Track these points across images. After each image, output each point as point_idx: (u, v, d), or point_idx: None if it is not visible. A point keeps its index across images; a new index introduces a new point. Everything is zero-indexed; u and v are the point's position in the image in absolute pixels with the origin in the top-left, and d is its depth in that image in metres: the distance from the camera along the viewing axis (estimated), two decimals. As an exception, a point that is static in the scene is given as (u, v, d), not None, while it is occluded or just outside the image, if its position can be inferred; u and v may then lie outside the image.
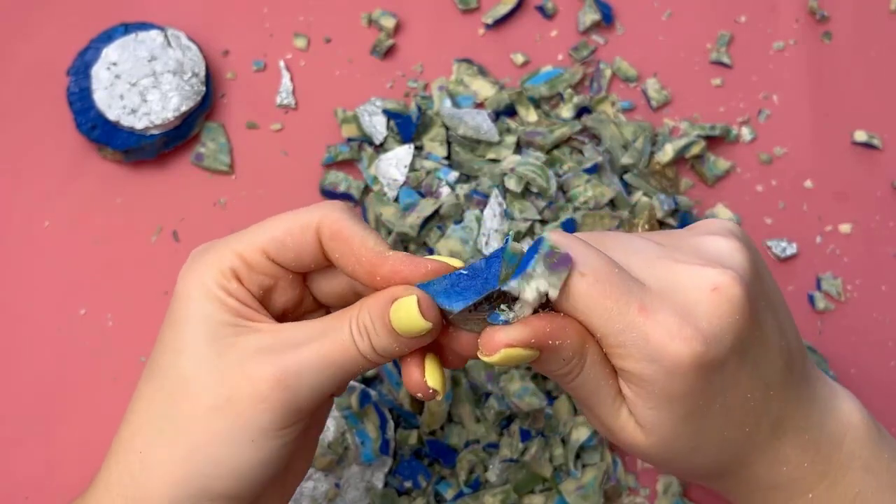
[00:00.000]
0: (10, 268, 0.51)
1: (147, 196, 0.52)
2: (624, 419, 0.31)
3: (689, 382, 0.29)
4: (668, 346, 0.28)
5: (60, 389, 0.49)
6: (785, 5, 0.58)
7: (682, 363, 0.28)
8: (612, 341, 0.29)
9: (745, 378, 0.30)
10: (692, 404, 0.29)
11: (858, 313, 0.53)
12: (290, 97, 0.54)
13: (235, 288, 0.31)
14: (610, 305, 0.29)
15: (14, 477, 0.47)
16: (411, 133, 0.52)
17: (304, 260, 0.32)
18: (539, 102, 0.54)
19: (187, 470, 0.29)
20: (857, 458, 0.33)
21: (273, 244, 0.31)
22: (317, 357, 0.30)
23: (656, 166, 0.53)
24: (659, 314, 0.28)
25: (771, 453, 0.32)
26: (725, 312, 0.29)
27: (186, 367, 0.30)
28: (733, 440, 0.31)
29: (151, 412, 0.31)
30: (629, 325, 0.29)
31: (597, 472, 0.48)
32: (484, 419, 0.48)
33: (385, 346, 0.30)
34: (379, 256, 0.30)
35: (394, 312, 0.29)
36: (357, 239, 0.30)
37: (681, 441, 0.31)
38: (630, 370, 0.29)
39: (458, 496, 0.47)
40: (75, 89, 0.51)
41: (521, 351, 0.29)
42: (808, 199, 0.55)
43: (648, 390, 0.29)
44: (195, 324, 0.30)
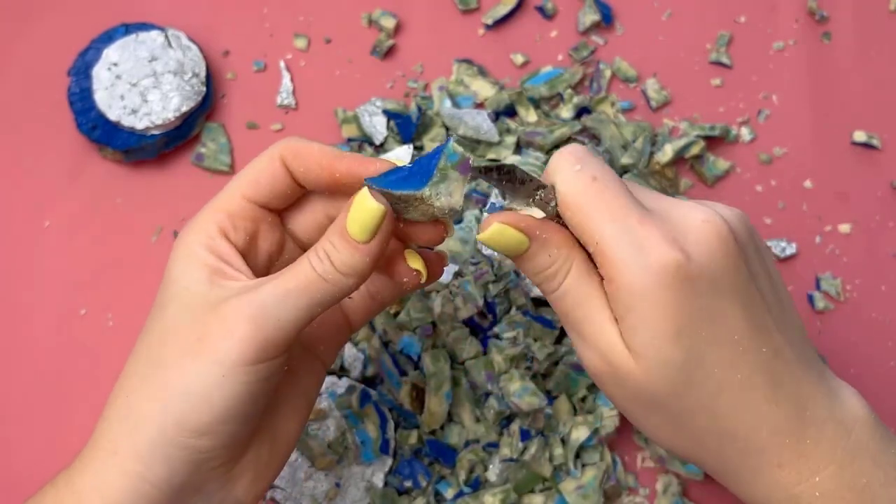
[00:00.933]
0: (10, 268, 0.51)
1: (147, 196, 0.52)
2: (614, 340, 0.31)
3: (673, 293, 0.30)
4: (657, 252, 0.30)
5: (60, 389, 0.49)
6: (785, 5, 0.58)
7: (667, 270, 0.30)
8: (608, 244, 0.30)
9: (732, 315, 0.31)
10: (678, 322, 0.30)
11: (858, 313, 0.53)
12: (290, 97, 0.54)
13: (220, 244, 0.33)
14: (614, 209, 0.31)
15: (14, 476, 0.47)
16: (411, 133, 0.52)
17: (279, 190, 0.34)
18: (539, 103, 0.54)
19: (163, 407, 0.31)
20: (865, 449, 0.32)
21: (250, 186, 0.34)
22: (280, 289, 0.31)
23: (656, 166, 0.53)
24: (654, 227, 0.31)
25: (771, 419, 0.32)
26: (713, 241, 0.31)
27: (167, 318, 0.32)
28: (726, 385, 0.31)
29: (138, 363, 0.32)
30: (627, 231, 0.30)
31: (597, 472, 0.48)
32: (484, 419, 0.48)
33: (346, 261, 0.32)
34: (335, 157, 0.33)
35: (350, 219, 0.31)
36: (315, 149, 0.34)
37: (672, 368, 0.31)
38: (619, 278, 0.30)
39: (458, 496, 0.47)
40: (76, 89, 0.51)
41: (511, 230, 0.32)
42: (808, 199, 0.55)
43: (636, 302, 0.30)
44: (179, 282, 0.32)
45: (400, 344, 0.49)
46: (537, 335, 0.49)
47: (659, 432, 0.33)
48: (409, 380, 0.48)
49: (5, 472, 0.47)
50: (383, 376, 0.49)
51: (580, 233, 0.32)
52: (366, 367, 0.49)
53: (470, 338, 0.49)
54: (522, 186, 0.32)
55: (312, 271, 0.32)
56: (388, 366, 0.48)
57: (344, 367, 0.49)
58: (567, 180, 0.32)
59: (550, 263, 0.32)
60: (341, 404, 0.47)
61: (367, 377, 0.49)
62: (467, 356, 0.49)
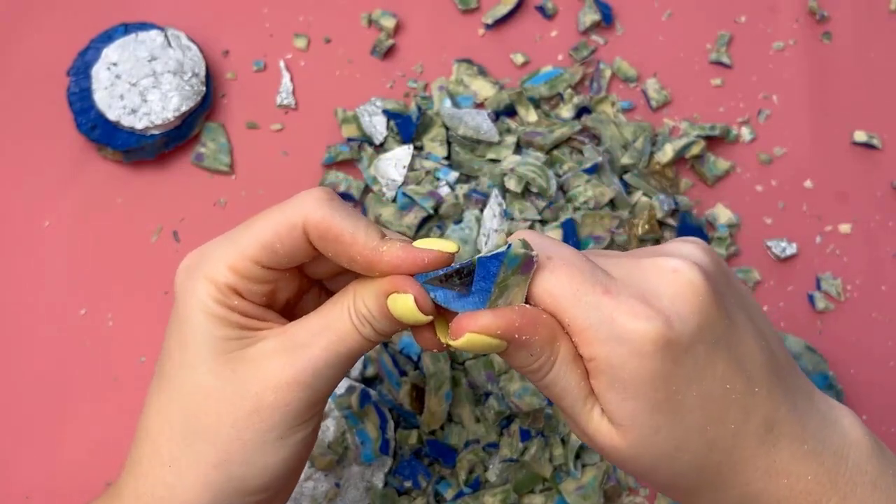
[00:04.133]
0: (10, 268, 0.51)
1: (147, 196, 0.52)
2: (597, 421, 0.31)
3: (656, 363, 0.29)
4: (633, 325, 0.28)
5: (60, 389, 0.49)
6: (785, 5, 0.58)
7: (647, 341, 0.28)
8: (580, 324, 0.29)
9: (720, 366, 0.30)
10: (665, 390, 0.29)
11: (858, 313, 0.53)
12: (290, 97, 0.54)
13: (237, 303, 0.31)
14: (576, 287, 0.29)
15: (14, 477, 0.47)
16: (411, 133, 0.52)
17: (298, 258, 0.32)
18: (539, 102, 0.54)
19: (221, 474, 0.31)
20: (864, 474, 0.32)
21: (264, 253, 0.31)
22: (327, 351, 0.31)
23: (656, 166, 0.53)
24: (623, 296, 0.29)
25: (765, 461, 0.31)
26: (687, 294, 0.30)
27: (202, 383, 0.31)
28: (719, 439, 0.30)
29: (174, 427, 0.31)
30: (594, 307, 0.29)
31: (597, 472, 0.48)
32: (484, 419, 0.48)
33: (387, 330, 0.31)
34: (374, 252, 0.30)
35: (391, 304, 0.30)
36: (347, 237, 0.30)
37: (660, 437, 0.30)
38: (598, 356, 0.29)
39: (458, 496, 0.47)
40: (75, 89, 0.51)
41: (485, 338, 0.29)
42: (808, 199, 0.55)
43: (618, 377, 0.29)
44: (201, 343, 0.31)
45: (400, 344, 0.49)
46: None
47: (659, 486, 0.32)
48: (408, 380, 0.48)
49: (5, 472, 0.47)
50: (383, 376, 0.49)
51: (553, 315, 0.30)
52: (366, 367, 0.49)
53: (470, 338, 0.49)
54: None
55: (357, 334, 0.31)
56: (388, 366, 0.48)
57: (344, 368, 0.49)
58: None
59: (532, 361, 0.30)
60: (341, 404, 0.47)
61: (367, 377, 0.49)
62: (467, 356, 0.49)
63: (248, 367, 0.31)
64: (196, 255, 0.33)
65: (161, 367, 0.32)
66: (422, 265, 0.30)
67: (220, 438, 0.31)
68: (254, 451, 0.31)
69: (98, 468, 0.47)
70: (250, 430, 0.31)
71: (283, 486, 0.33)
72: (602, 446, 0.31)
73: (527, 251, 0.29)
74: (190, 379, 0.31)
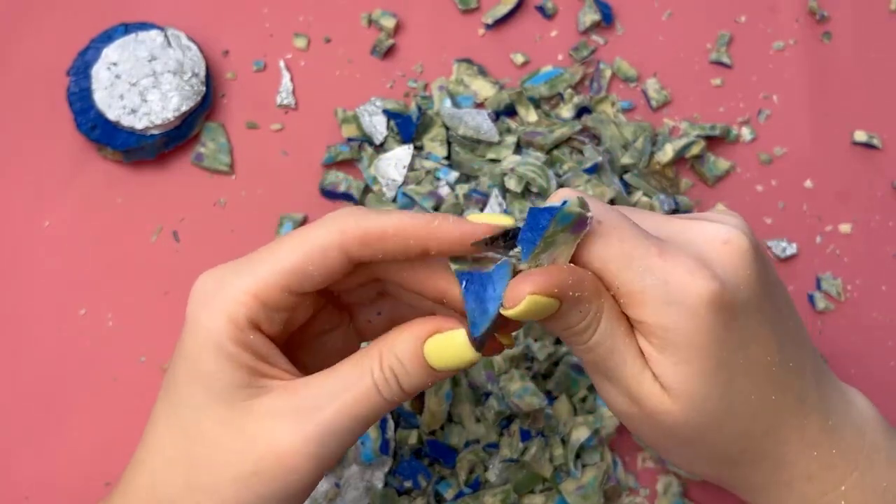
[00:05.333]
0: (10, 268, 0.51)
1: (147, 196, 0.52)
2: (649, 384, 0.30)
3: (709, 325, 0.28)
4: (688, 285, 0.28)
5: (60, 390, 0.49)
6: (785, 5, 0.58)
7: (702, 303, 0.28)
8: (631, 287, 0.28)
9: (763, 336, 0.30)
10: (716, 356, 0.29)
11: (858, 313, 0.53)
12: (290, 97, 0.54)
13: (252, 339, 0.29)
14: (628, 251, 0.28)
15: (14, 477, 0.47)
16: (411, 133, 0.52)
17: (331, 279, 0.30)
18: (539, 102, 0.54)
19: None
20: (881, 450, 0.32)
21: (295, 278, 0.29)
22: (339, 416, 0.29)
23: (656, 166, 0.53)
24: (677, 258, 0.28)
25: (798, 433, 0.31)
26: (738, 263, 0.29)
27: (208, 431, 0.29)
28: (762, 408, 0.30)
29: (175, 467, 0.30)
30: (648, 269, 0.28)
31: (597, 472, 0.48)
32: (484, 419, 0.48)
33: (416, 384, 0.29)
34: (426, 229, 0.29)
35: (431, 349, 0.28)
36: (392, 229, 0.29)
37: (711, 403, 0.29)
38: (650, 320, 0.29)
39: (458, 496, 0.47)
40: (75, 89, 0.51)
41: (544, 300, 0.28)
42: (808, 199, 0.55)
43: (671, 340, 0.29)
44: (212, 387, 0.29)
45: (400, 344, 0.49)
46: (537, 335, 0.49)
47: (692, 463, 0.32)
48: (409, 380, 0.48)
49: (5, 472, 0.47)
50: (383, 376, 0.49)
51: (601, 278, 0.29)
52: (366, 367, 0.49)
53: (470, 338, 0.49)
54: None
55: (378, 396, 0.29)
56: (388, 366, 0.48)
57: (344, 368, 0.49)
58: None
59: (581, 320, 0.29)
60: (341, 404, 0.47)
61: (367, 377, 0.49)
62: (467, 356, 0.49)
63: (252, 424, 0.29)
64: (213, 279, 0.30)
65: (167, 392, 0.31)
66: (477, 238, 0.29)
67: (219, 494, 0.29)
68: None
69: (98, 468, 0.47)
70: (250, 493, 0.29)
71: None
72: (652, 410, 0.30)
73: (583, 211, 0.28)
74: (195, 420, 0.30)
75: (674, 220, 0.31)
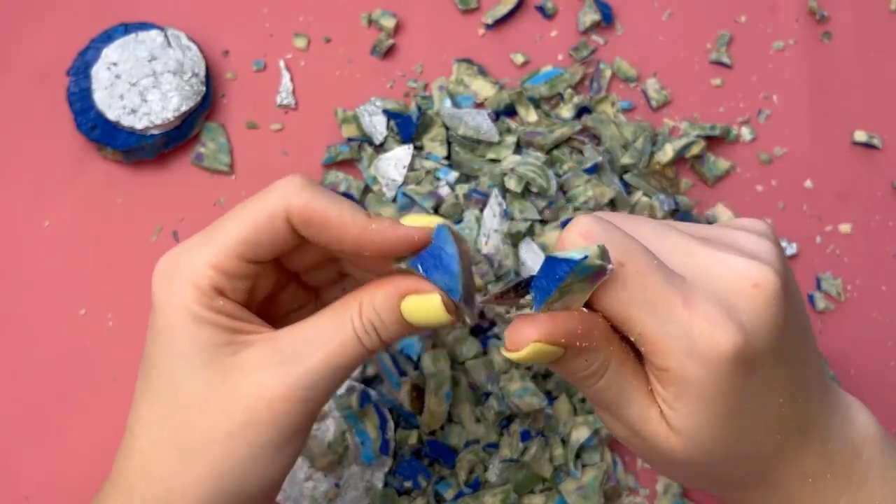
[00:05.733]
0: (10, 268, 0.51)
1: (147, 196, 0.52)
2: (655, 423, 0.29)
3: (729, 379, 0.28)
4: (712, 339, 0.27)
5: (60, 389, 0.49)
6: (785, 5, 0.58)
7: (725, 357, 0.27)
8: (653, 336, 0.28)
9: (779, 380, 0.29)
10: (731, 405, 0.28)
11: (858, 313, 0.53)
12: (290, 97, 0.54)
13: (221, 304, 0.30)
14: (652, 298, 0.27)
15: (14, 477, 0.47)
16: (411, 133, 0.52)
17: (282, 248, 0.31)
18: (539, 102, 0.54)
19: (215, 489, 0.30)
20: (875, 469, 0.32)
21: (247, 247, 0.30)
22: (324, 364, 0.30)
23: (656, 166, 0.53)
24: (701, 306, 0.27)
25: (797, 462, 0.31)
26: (765, 310, 0.28)
27: (191, 394, 0.30)
28: (764, 447, 0.30)
29: (164, 440, 0.30)
30: (672, 319, 0.27)
31: (597, 472, 0.48)
32: (484, 419, 0.48)
33: (394, 336, 0.30)
34: (363, 231, 0.29)
35: (410, 309, 0.29)
36: (333, 219, 0.29)
37: (716, 446, 0.29)
38: (670, 367, 0.28)
39: (458, 496, 0.47)
40: (75, 89, 0.51)
41: (548, 347, 0.27)
42: (808, 199, 0.55)
43: (688, 390, 0.28)
44: (188, 350, 0.30)
45: (400, 344, 0.49)
46: (537, 335, 0.49)
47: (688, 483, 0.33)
48: (409, 380, 0.48)
49: (5, 473, 0.47)
50: (383, 376, 0.49)
51: (618, 324, 0.28)
52: (366, 367, 0.49)
53: (470, 338, 0.49)
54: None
55: (360, 345, 0.30)
56: (388, 366, 0.48)
57: (344, 368, 0.49)
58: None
59: (587, 368, 0.29)
60: (341, 404, 0.47)
61: (367, 377, 0.49)
62: (467, 356, 0.49)
63: (238, 377, 0.30)
64: (171, 259, 0.31)
65: (145, 376, 0.31)
66: (412, 243, 0.29)
67: (213, 453, 0.30)
68: (248, 465, 0.30)
69: (98, 468, 0.47)
70: (244, 445, 0.29)
71: (275, 493, 0.32)
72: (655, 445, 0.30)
73: (604, 263, 0.27)
74: (178, 390, 0.30)
75: (700, 250, 0.29)
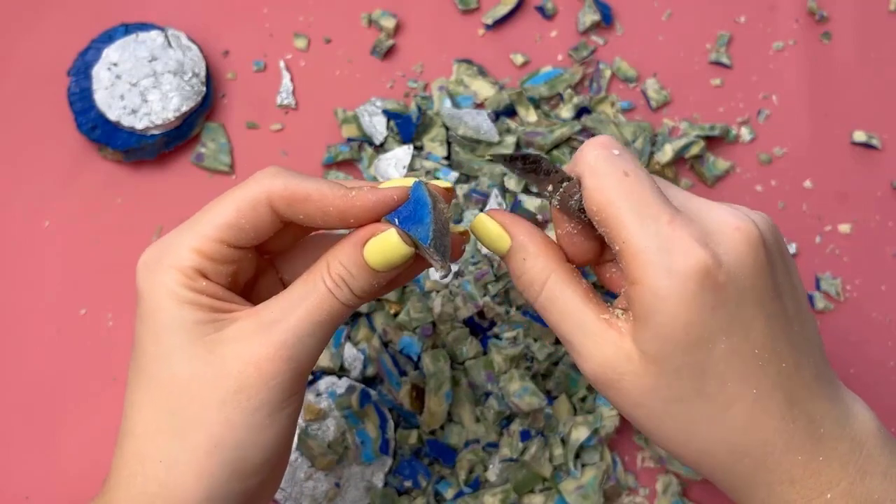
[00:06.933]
0: (10, 268, 0.51)
1: (147, 196, 0.52)
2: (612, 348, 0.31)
3: (697, 300, 0.29)
4: (685, 255, 0.29)
5: (60, 389, 0.49)
6: (785, 5, 0.58)
7: (693, 272, 0.29)
8: (637, 244, 0.29)
9: (756, 329, 0.30)
10: (700, 329, 0.29)
11: (858, 313, 0.53)
12: (290, 97, 0.54)
13: (204, 286, 0.31)
14: (644, 209, 0.30)
15: (14, 477, 0.47)
16: (411, 133, 0.52)
17: (264, 233, 0.32)
18: (539, 102, 0.54)
19: (214, 461, 0.30)
20: (877, 464, 0.32)
21: (230, 231, 0.32)
22: (304, 321, 0.31)
23: (656, 166, 0.53)
24: (684, 230, 0.29)
25: (785, 436, 0.31)
26: (744, 250, 0.30)
27: (181, 371, 0.31)
28: (738, 397, 0.30)
29: (159, 422, 0.31)
30: (655, 233, 0.29)
31: (596, 472, 0.48)
32: (484, 419, 0.48)
33: (364, 287, 0.32)
34: (344, 199, 0.31)
35: (371, 252, 0.31)
36: (314, 194, 0.31)
37: (683, 376, 0.30)
38: (644, 280, 0.29)
39: (458, 496, 0.47)
40: (76, 89, 0.51)
41: (490, 223, 0.33)
42: (808, 199, 0.55)
43: (658, 307, 0.29)
44: (174, 330, 0.31)
45: (400, 344, 0.49)
46: (537, 335, 0.49)
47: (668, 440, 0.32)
48: (409, 380, 0.48)
49: (5, 473, 0.47)
50: (383, 376, 0.49)
51: (606, 229, 0.31)
52: (366, 367, 0.49)
53: (470, 338, 0.49)
54: (547, 177, 0.31)
55: (334, 300, 0.31)
56: (388, 366, 0.48)
57: (344, 367, 0.49)
58: (596, 174, 0.30)
59: (524, 269, 0.32)
60: (341, 404, 0.47)
61: (367, 377, 0.49)
62: (467, 356, 0.49)
63: (226, 348, 0.31)
64: (154, 249, 0.33)
65: (136, 363, 0.32)
66: (391, 203, 0.32)
67: (208, 424, 0.30)
68: (244, 432, 0.30)
69: (98, 468, 0.47)
70: (238, 411, 0.30)
71: (276, 465, 0.32)
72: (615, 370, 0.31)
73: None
74: (168, 370, 0.31)
75: (697, 199, 0.32)
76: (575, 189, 0.31)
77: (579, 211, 0.32)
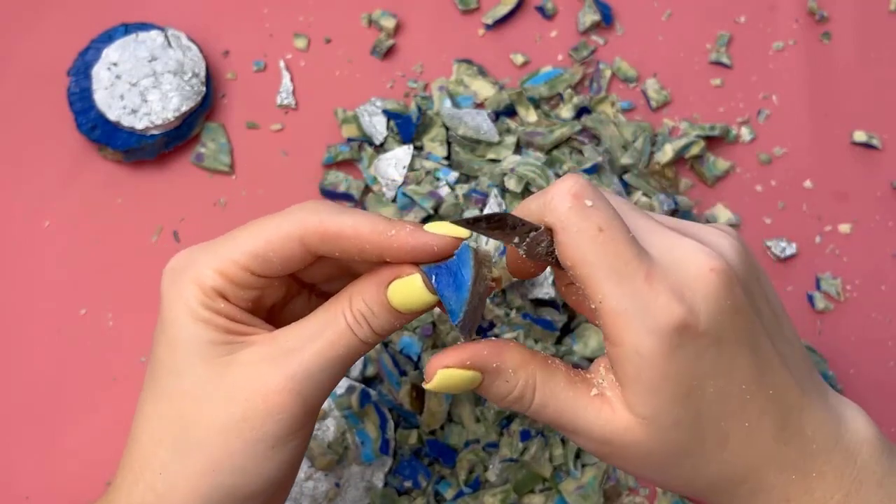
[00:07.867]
0: (10, 268, 0.51)
1: (147, 196, 0.52)
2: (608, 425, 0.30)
3: (680, 353, 0.29)
4: (668, 316, 0.28)
5: (60, 389, 0.49)
6: (785, 5, 0.58)
7: (672, 327, 0.28)
8: (615, 307, 0.29)
9: (739, 365, 0.30)
10: (688, 382, 0.29)
11: (858, 313, 0.53)
12: (290, 97, 0.54)
13: (223, 307, 0.31)
14: (620, 267, 0.29)
15: (14, 477, 0.47)
16: (411, 133, 0.52)
17: (292, 267, 0.32)
18: (539, 102, 0.54)
19: (211, 483, 0.30)
20: (872, 473, 0.32)
21: (256, 261, 0.31)
22: (319, 356, 0.30)
23: (656, 166, 0.53)
24: (661, 284, 0.29)
25: (778, 458, 0.31)
26: (721, 295, 0.29)
27: (191, 388, 0.30)
28: (733, 435, 0.31)
29: (164, 434, 0.31)
30: (633, 293, 0.29)
31: (596, 472, 0.48)
32: (484, 419, 0.48)
33: (385, 326, 0.31)
34: (382, 237, 0.30)
35: (395, 294, 0.30)
36: (348, 230, 0.30)
37: (682, 429, 0.30)
38: (627, 342, 0.29)
39: (458, 496, 0.47)
40: (76, 89, 0.51)
41: (462, 372, 0.30)
42: (808, 199, 0.55)
43: (644, 367, 0.29)
44: (189, 347, 0.31)
45: (400, 344, 0.49)
46: (538, 336, 0.49)
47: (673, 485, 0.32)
48: (408, 380, 0.48)
49: (5, 473, 0.47)
50: (383, 376, 0.49)
51: (582, 285, 0.30)
52: (366, 367, 0.49)
53: (470, 338, 0.49)
54: (514, 231, 0.30)
55: (353, 336, 0.31)
56: (388, 366, 0.48)
57: (344, 367, 0.49)
58: (568, 230, 0.29)
59: (510, 389, 0.31)
60: (341, 404, 0.47)
61: (367, 377, 0.49)
62: (467, 356, 0.49)
63: (236, 373, 0.30)
64: (183, 257, 0.32)
65: (151, 370, 0.32)
66: (430, 253, 0.30)
67: (209, 447, 0.30)
68: (244, 460, 0.30)
69: (98, 468, 0.47)
70: (240, 439, 0.30)
71: (276, 492, 0.32)
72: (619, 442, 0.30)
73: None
74: (179, 385, 0.31)
75: (666, 234, 0.31)
76: (542, 237, 0.30)
77: (547, 255, 0.31)
